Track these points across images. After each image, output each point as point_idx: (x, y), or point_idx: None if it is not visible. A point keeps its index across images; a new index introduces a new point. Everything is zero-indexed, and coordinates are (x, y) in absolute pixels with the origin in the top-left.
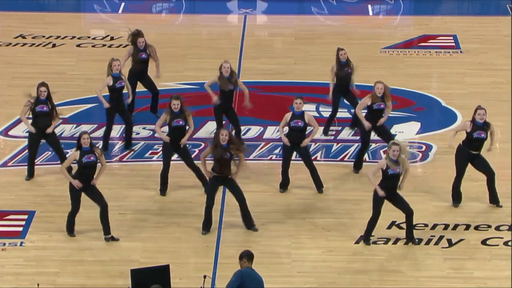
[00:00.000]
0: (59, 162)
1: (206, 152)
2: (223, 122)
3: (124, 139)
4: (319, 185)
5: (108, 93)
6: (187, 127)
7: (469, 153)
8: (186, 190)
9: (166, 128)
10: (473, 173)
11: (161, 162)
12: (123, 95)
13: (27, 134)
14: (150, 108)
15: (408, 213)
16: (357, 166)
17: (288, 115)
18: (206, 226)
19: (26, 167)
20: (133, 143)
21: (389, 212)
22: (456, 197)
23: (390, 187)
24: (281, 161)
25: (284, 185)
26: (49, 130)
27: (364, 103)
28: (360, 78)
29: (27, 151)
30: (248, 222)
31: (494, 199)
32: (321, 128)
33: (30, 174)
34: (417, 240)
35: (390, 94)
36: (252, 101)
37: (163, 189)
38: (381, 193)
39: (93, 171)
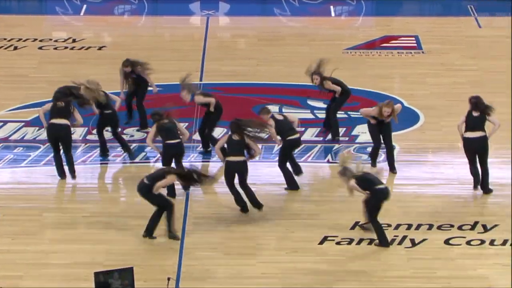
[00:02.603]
0: (21, 165)
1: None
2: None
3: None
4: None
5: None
6: None
7: None
8: None
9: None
10: (435, 174)
11: (124, 164)
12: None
13: None
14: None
15: None
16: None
17: None
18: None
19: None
20: (94, 145)
21: (353, 212)
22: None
23: None
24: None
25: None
26: None
27: (371, 112)
28: None
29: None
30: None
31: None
32: None
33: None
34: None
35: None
36: None
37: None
38: None
39: None
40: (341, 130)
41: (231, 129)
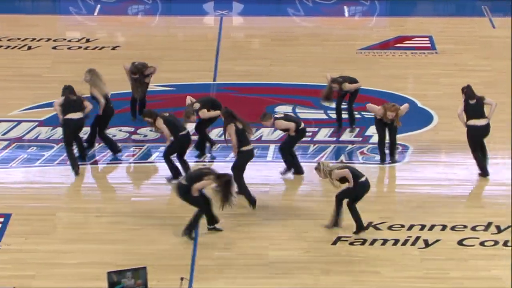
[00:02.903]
0: (34, 164)
1: None
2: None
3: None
4: None
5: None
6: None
7: None
8: (162, 191)
9: None
10: (448, 174)
11: (137, 164)
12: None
13: (3, 137)
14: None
15: None
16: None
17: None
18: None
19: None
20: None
21: (366, 213)
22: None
23: None
24: (258, 162)
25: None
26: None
27: (377, 112)
28: None
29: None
30: None
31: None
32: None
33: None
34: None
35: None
36: (228, 103)
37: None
38: None
39: None
40: (355, 131)
41: (230, 119)
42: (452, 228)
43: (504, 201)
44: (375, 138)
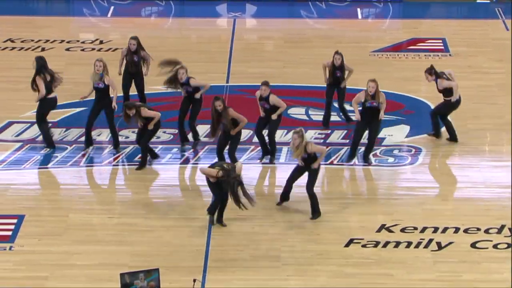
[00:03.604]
0: (48, 166)
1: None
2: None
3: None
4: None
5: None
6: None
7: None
8: (174, 193)
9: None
10: (461, 177)
11: (152, 166)
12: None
13: (16, 138)
14: None
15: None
16: (351, 157)
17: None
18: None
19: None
20: (121, 146)
21: (379, 215)
22: None
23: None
24: (271, 165)
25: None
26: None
27: (359, 98)
28: (349, 81)
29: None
30: None
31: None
32: None
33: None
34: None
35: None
36: (241, 105)
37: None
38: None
39: None
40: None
41: (226, 106)
42: (465, 231)
43: None
44: (388, 140)
